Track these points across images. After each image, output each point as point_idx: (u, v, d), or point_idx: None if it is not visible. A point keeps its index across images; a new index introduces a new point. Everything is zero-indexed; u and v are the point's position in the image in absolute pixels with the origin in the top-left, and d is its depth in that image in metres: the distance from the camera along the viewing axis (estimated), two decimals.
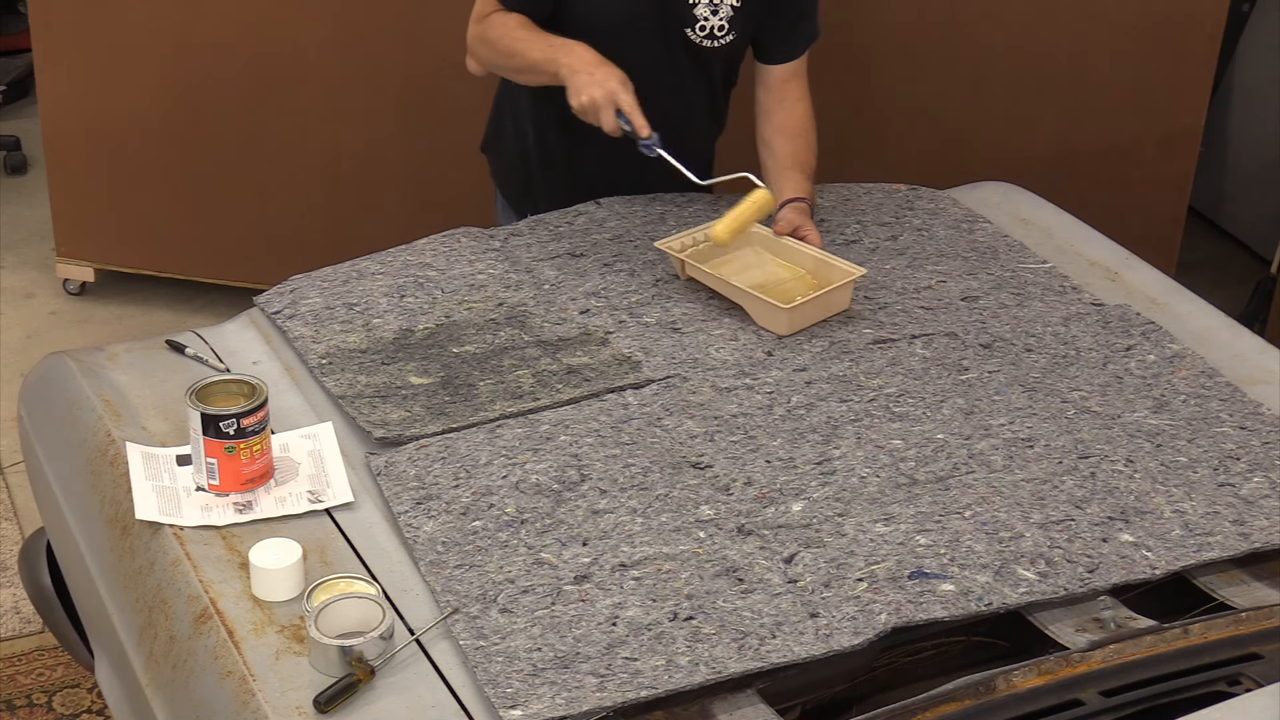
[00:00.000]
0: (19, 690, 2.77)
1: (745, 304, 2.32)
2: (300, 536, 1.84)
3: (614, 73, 2.30)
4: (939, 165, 3.57)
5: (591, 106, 2.29)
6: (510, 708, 1.58)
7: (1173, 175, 3.80)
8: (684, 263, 2.38)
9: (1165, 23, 3.62)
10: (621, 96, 2.27)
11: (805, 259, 2.41)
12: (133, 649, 1.86)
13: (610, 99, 2.27)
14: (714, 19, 2.47)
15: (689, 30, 2.49)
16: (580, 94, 2.29)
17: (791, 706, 1.71)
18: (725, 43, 2.52)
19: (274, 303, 2.33)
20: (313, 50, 3.66)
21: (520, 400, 2.09)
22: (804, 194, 2.50)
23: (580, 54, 2.33)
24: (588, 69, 2.30)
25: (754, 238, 2.45)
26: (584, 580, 1.77)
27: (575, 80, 2.30)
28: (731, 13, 2.49)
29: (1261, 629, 1.74)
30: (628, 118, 2.28)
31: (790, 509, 1.89)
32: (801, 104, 2.60)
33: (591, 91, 2.28)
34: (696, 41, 2.50)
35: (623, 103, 2.27)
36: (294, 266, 2.46)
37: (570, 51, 2.34)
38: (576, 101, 2.30)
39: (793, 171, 2.53)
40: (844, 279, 2.34)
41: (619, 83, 2.28)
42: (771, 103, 2.60)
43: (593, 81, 2.28)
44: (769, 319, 2.29)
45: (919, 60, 3.67)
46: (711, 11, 2.47)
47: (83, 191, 3.89)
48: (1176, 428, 2.09)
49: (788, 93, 2.60)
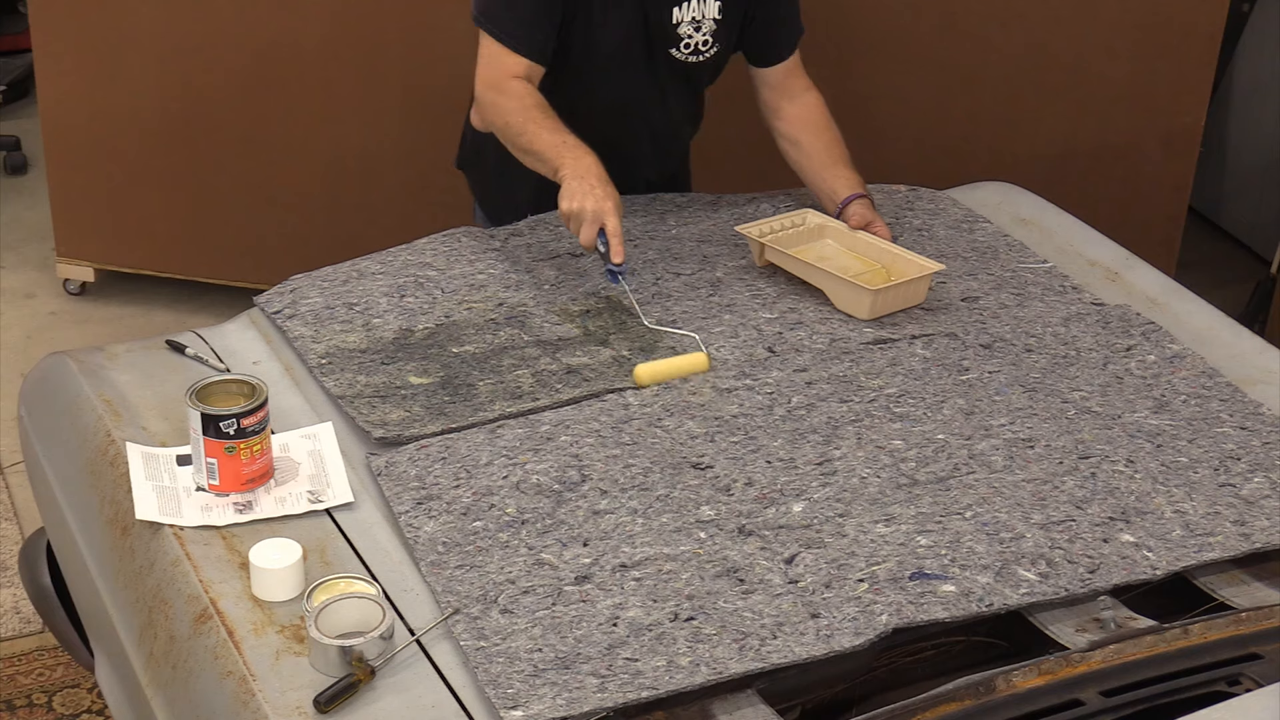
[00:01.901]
0: (19, 690, 2.77)
1: (828, 287, 2.35)
2: (300, 536, 1.84)
3: (612, 193, 2.28)
4: (939, 165, 3.57)
5: (579, 215, 2.26)
6: (511, 708, 1.58)
7: (1173, 175, 3.80)
8: (763, 247, 2.42)
9: (1165, 23, 3.62)
10: (610, 219, 2.25)
11: (880, 253, 2.43)
12: (133, 649, 1.86)
13: (598, 218, 2.25)
14: (697, 35, 2.50)
15: (674, 50, 2.51)
16: (573, 200, 2.26)
17: (792, 707, 1.71)
18: (710, 55, 2.54)
19: (274, 303, 2.33)
20: (313, 50, 3.66)
21: (520, 400, 2.09)
22: (861, 188, 2.53)
23: (588, 164, 2.30)
24: (589, 181, 2.27)
25: (829, 231, 2.49)
26: (585, 581, 1.77)
27: (573, 186, 2.27)
28: (715, 26, 2.51)
29: (1261, 629, 1.74)
30: (609, 239, 2.26)
31: (791, 509, 1.89)
32: (810, 93, 2.63)
33: (585, 203, 2.25)
34: (682, 59, 2.53)
35: (609, 225, 2.25)
36: (294, 266, 2.46)
37: (578, 159, 2.31)
38: (567, 205, 2.27)
39: (837, 167, 2.55)
40: (921, 272, 2.36)
41: (614, 205, 2.27)
42: (779, 99, 2.62)
43: (590, 195, 2.26)
44: (852, 303, 2.32)
45: (918, 60, 3.67)
46: (694, 29, 2.49)
47: (82, 191, 3.89)
48: (1177, 428, 2.09)
49: (792, 86, 2.62)
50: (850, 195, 2.51)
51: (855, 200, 2.51)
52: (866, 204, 2.51)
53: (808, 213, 2.51)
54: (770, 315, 2.33)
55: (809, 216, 2.50)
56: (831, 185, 2.54)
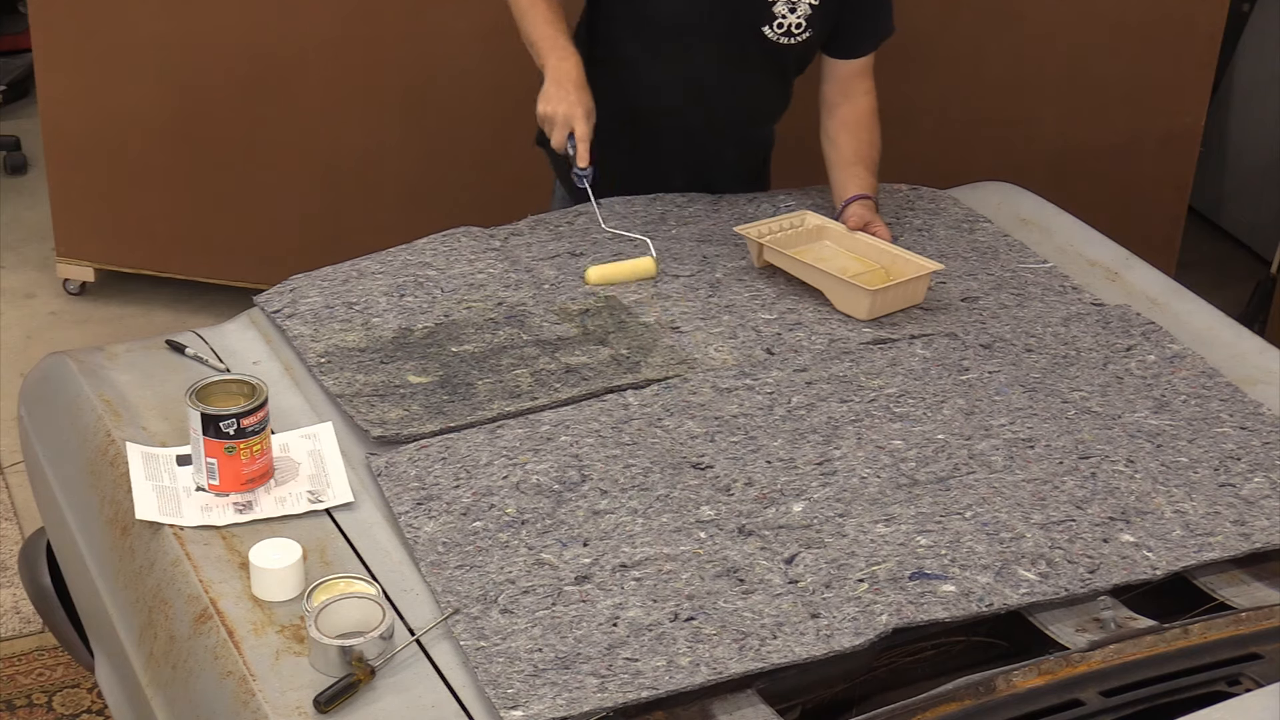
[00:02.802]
0: (19, 690, 2.77)
1: (826, 287, 2.35)
2: (300, 536, 1.84)
3: (585, 99, 2.40)
4: (939, 165, 3.56)
5: (550, 118, 2.40)
6: (511, 708, 1.58)
7: (1173, 175, 3.80)
8: (762, 248, 2.42)
9: (1165, 23, 3.62)
10: (579, 124, 2.39)
11: (879, 254, 2.42)
12: (133, 649, 1.86)
13: (568, 121, 2.39)
14: (791, 17, 2.49)
15: (766, 28, 2.51)
16: (548, 103, 2.41)
17: (792, 706, 1.71)
18: (802, 40, 2.53)
19: (274, 302, 2.33)
20: (313, 50, 3.66)
21: (518, 400, 2.09)
22: (869, 190, 2.54)
23: (567, 69, 2.42)
24: (565, 85, 2.41)
25: (827, 232, 2.49)
26: (585, 581, 1.77)
27: (550, 90, 2.41)
28: (810, 10, 2.50)
29: (1261, 629, 1.74)
30: (577, 143, 2.39)
31: (791, 509, 1.89)
32: (867, 98, 2.63)
33: (558, 106, 2.39)
34: (773, 39, 2.52)
35: (578, 129, 2.39)
36: (294, 266, 2.46)
37: (560, 62, 2.43)
38: (542, 108, 2.41)
39: (856, 166, 2.57)
40: (920, 272, 2.35)
41: (584, 111, 2.40)
42: (837, 96, 2.62)
43: (563, 99, 2.39)
44: (851, 303, 2.32)
45: (919, 60, 3.67)
46: (789, 10, 2.48)
47: (82, 191, 3.89)
48: (1177, 428, 2.09)
49: (854, 87, 2.62)
50: (854, 195, 2.52)
51: (856, 200, 2.51)
52: (868, 205, 2.51)
53: (806, 214, 2.51)
54: (769, 316, 2.33)
55: (808, 218, 2.50)
56: (844, 183, 2.56)
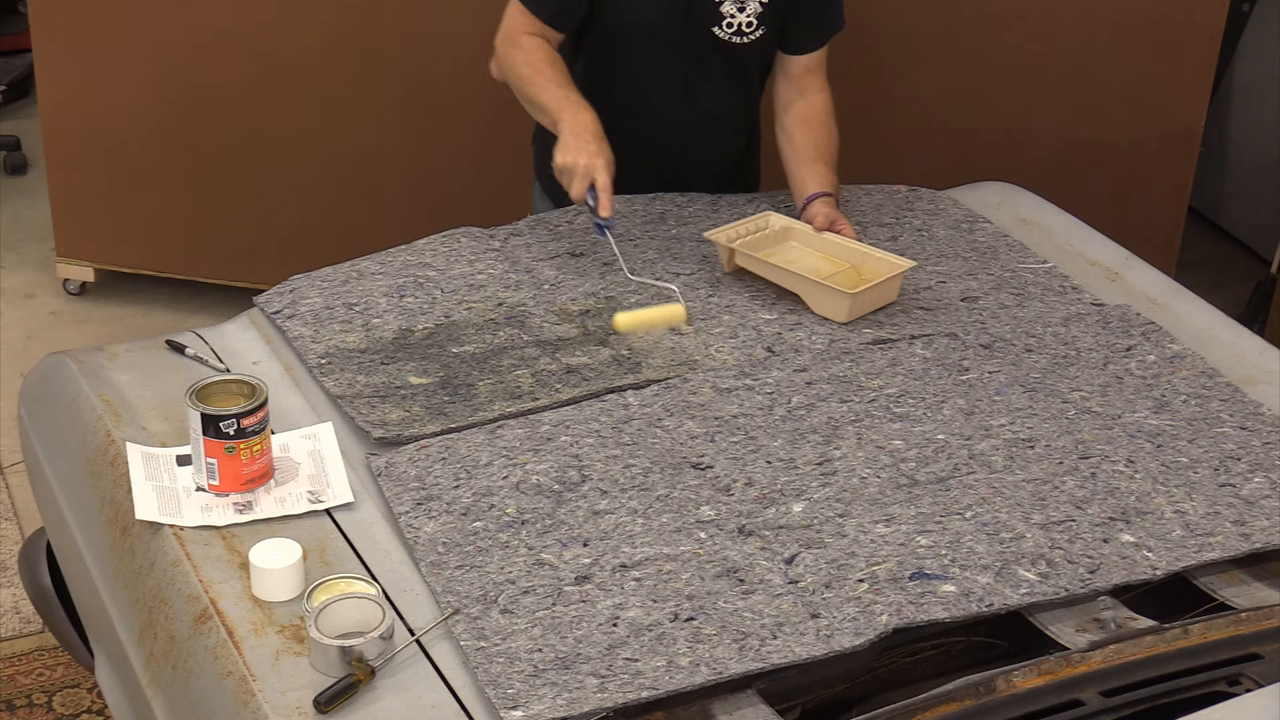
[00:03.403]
0: (19, 690, 2.77)
1: (803, 291, 2.34)
2: (300, 536, 1.84)
3: (605, 150, 2.36)
4: (939, 165, 3.57)
5: (570, 169, 2.34)
6: (511, 708, 1.58)
7: (1173, 175, 3.80)
8: (732, 253, 2.41)
9: (1165, 23, 3.62)
10: (600, 175, 2.34)
11: (848, 253, 2.42)
12: (133, 649, 1.86)
13: (589, 173, 2.33)
14: (741, 16, 2.49)
15: (716, 29, 2.50)
16: (567, 154, 2.35)
17: (792, 707, 1.71)
18: (755, 38, 2.53)
19: (274, 303, 2.33)
20: (313, 50, 3.66)
21: (519, 400, 2.09)
22: (829, 187, 2.53)
23: (585, 120, 2.38)
24: (584, 137, 2.36)
25: (793, 234, 2.48)
26: (585, 581, 1.77)
27: (569, 141, 2.36)
28: (760, 8, 2.50)
29: (1261, 629, 1.74)
30: (598, 194, 2.33)
31: (791, 510, 1.89)
32: (821, 95, 2.62)
33: (578, 158, 2.34)
34: (725, 39, 2.51)
35: (599, 180, 2.34)
36: (294, 266, 2.46)
37: (576, 115, 2.39)
38: (561, 159, 2.36)
39: (816, 164, 2.56)
40: (892, 271, 2.35)
41: (605, 162, 2.35)
42: (791, 94, 2.62)
43: (583, 150, 2.34)
44: (829, 306, 2.31)
45: (919, 60, 3.67)
46: (738, 9, 2.48)
47: (82, 191, 3.89)
48: (1177, 428, 2.09)
49: (808, 84, 2.61)
50: (815, 193, 2.50)
51: (819, 199, 2.50)
52: (830, 202, 2.50)
53: (771, 215, 2.50)
54: (770, 316, 2.33)
55: (772, 219, 2.49)
56: (804, 179, 2.54)
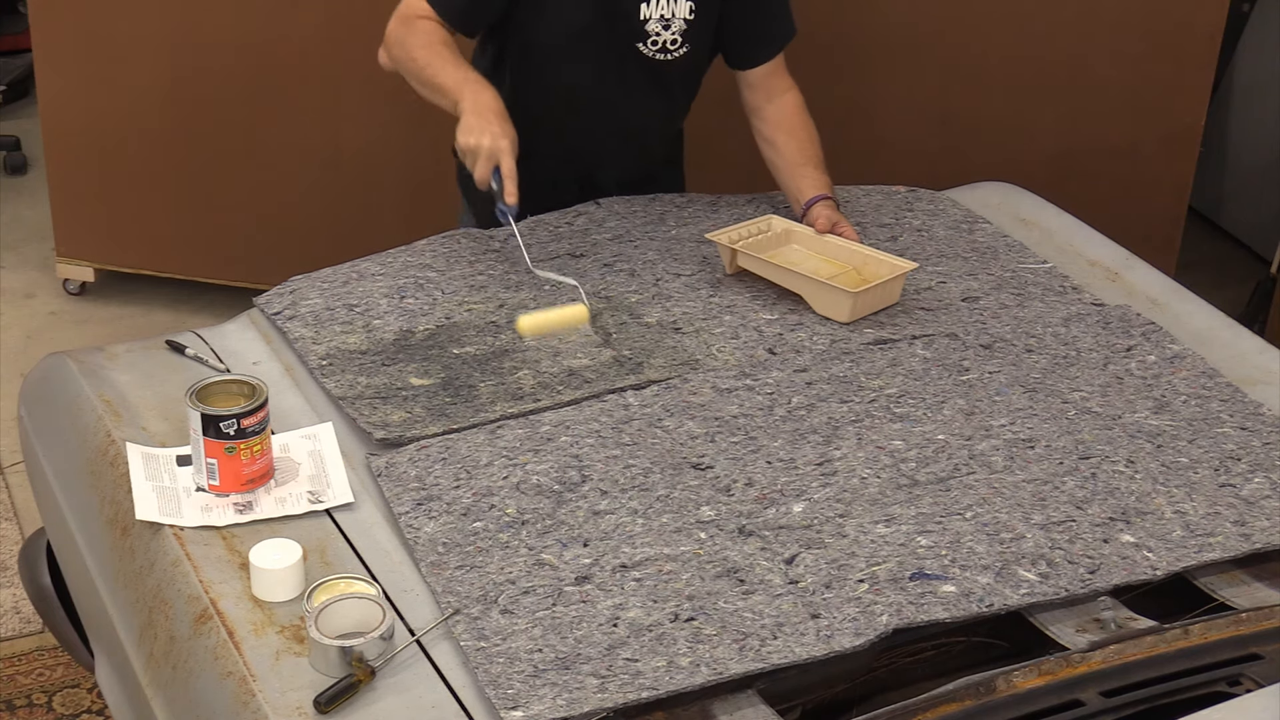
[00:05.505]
0: (19, 690, 2.77)
1: (805, 290, 2.34)
2: (300, 537, 1.84)
3: (508, 131, 2.30)
4: (939, 165, 3.57)
5: (474, 151, 2.28)
6: (511, 709, 1.58)
7: (1173, 175, 3.80)
8: (734, 254, 2.41)
9: (1165, 23, 3.62)
10: (505, 158, 2.28)
11: (850, 255, 2.42)
12: (133, 649, 1.86)
13: (493, 155, 2.27)
14: (666, 34, 2.48)
15: (640, 45, 2.50)
16: (469, 134, 2.29)
17: (792, 707, 1.71)
18: (678, 55, 2.52)
19: (274, 304, 2.32)
20: (313, 50, 3.66)
21: (521, 401, 2.09)
22: (825, 189, 2.53)
23: (487, 99, 2.33)
24: (486, 116, 2.30)
25: (795, 236, 2.48)
26: (585, 581, 1.77)
27: (471, 121, 2.30)
28: (685, 26, 2.49)
29: (1262, 629, 1.74)
30: (503, 179, 2.28)
31: (791, 510, 1.89)
32: (790, 94, 2.62)
33: (481, 139, 2.28)
34: (649, 55, 2.51)
35: (504, 163, 2.28)
36: (294, 267, 2.46)
37: (478, 94, 2.33)
38: (463, 140, 2.30)
39: (805, 167, 2.56)
40: (894, 272, 2.35)
41: (509, 143, 2.29)
42: (759, 100, 2.61)
43: (486, 130, 2.28)
44: (831, 306, 2.31)
45: (919, 60, 3.67)
46: (663, 26, 2.47)
47: (82, 191, 3.89)
48: (1177, 428, 2.09)
49: (772, 86, 2.61)
50: (814, 197, 2.51)
51: (819, 202, 2.50)
52: (830, 205, 2.50)
53: (772, 218, 2.50)
54: (771, 316, 2.33)
55: (773, 222, 2.49)
56: (799, 185, 2.54)
